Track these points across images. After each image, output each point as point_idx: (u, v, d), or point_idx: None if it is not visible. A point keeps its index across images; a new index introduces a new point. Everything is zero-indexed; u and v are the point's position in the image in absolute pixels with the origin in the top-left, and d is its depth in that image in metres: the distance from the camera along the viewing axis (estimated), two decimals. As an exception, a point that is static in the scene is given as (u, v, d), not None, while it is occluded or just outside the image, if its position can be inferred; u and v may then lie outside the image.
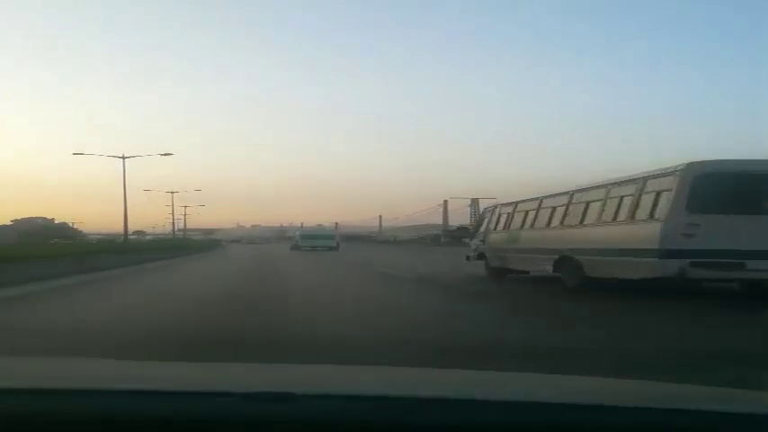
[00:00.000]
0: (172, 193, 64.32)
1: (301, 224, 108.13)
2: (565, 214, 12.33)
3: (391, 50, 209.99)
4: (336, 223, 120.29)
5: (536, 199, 13.84)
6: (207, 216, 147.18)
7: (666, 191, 9.60)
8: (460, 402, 1.33)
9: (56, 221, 77.92)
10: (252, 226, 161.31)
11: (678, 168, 9.55)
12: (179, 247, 41.42)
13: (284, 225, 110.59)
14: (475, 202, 78.37)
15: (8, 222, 60.22)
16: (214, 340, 5.78)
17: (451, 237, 68.03)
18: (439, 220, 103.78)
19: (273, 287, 13.17)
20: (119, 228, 46.44)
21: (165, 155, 42.47)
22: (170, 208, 67.07)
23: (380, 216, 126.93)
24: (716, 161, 9.72)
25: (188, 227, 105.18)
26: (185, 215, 75.62)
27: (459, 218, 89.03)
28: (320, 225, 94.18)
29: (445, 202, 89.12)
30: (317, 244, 46.02)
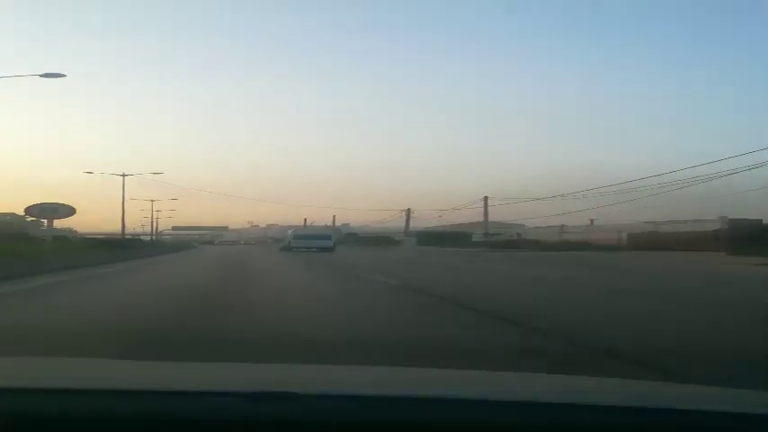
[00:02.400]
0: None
1: (333, 218, 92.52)
2: None
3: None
4: (408, 209, 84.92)
5: None
6: (221, 214, 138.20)
7: None
8: (460, 402, 1.33)
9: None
10: (267, 225, 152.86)
11: None
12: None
13: (310, 223, 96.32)
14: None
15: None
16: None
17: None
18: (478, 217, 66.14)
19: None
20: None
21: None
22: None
23: (486, 198, 65.25)
24: None
25: (191, 225, 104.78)
26: (157, 218, 75.42)
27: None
28: (346, 224, 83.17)
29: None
30: (312, 245, 42.45)
